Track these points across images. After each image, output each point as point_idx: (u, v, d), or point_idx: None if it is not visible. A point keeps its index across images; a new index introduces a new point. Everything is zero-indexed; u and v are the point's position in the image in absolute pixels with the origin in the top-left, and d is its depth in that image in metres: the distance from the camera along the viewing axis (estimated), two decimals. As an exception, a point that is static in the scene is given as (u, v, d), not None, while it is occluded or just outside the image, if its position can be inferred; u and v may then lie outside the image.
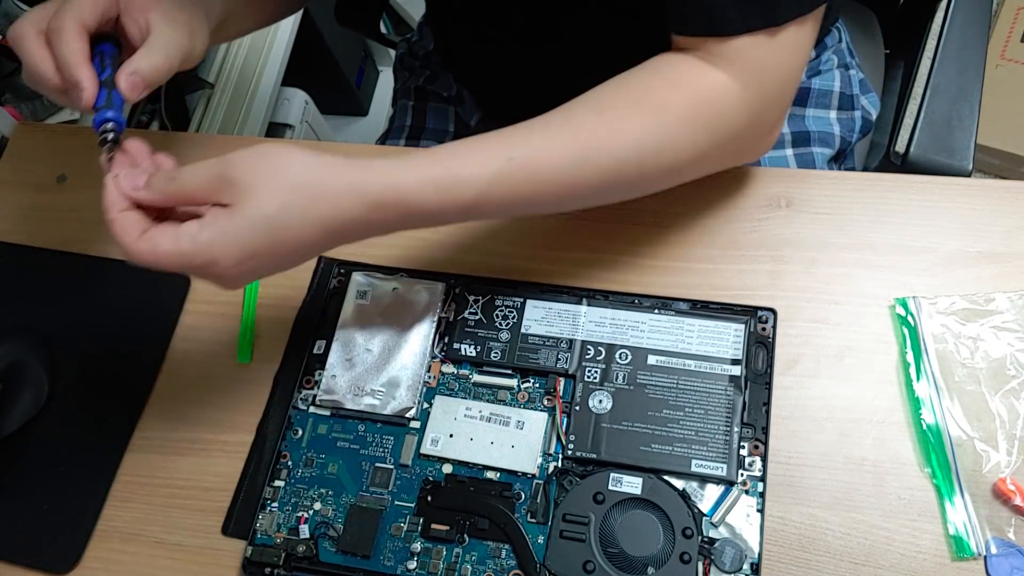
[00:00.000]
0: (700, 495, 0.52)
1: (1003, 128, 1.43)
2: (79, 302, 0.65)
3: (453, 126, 0.84)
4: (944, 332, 0.54)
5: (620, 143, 0.49)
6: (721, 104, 0.50)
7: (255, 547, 0.53)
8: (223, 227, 0.45)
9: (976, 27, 0.74)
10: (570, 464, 0.54)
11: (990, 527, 0.49)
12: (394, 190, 0.47)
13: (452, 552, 0.52)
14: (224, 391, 0.60)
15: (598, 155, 0.49)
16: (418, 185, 0.47)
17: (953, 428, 0.52)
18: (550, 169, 0.49)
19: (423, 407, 0.56)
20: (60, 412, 0.61)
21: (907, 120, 0.78)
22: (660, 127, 0.50)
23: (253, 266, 0.46)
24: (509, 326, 0.58)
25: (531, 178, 0.49)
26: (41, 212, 0.70)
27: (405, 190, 0.47)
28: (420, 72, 0.87)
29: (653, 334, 0.56)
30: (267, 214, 0.45)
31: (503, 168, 0.48)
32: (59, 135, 0.75)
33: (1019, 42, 1.48)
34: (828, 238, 0.59)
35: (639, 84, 0.51)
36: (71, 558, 0.55)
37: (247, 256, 0.45)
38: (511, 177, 0.48)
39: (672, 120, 0.50)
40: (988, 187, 0.60)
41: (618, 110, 0.50)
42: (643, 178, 0.52)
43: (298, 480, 0.55)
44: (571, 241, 0.61)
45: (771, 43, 0.49)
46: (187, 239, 0.45)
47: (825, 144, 0.74)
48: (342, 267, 0.62)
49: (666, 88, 0.50)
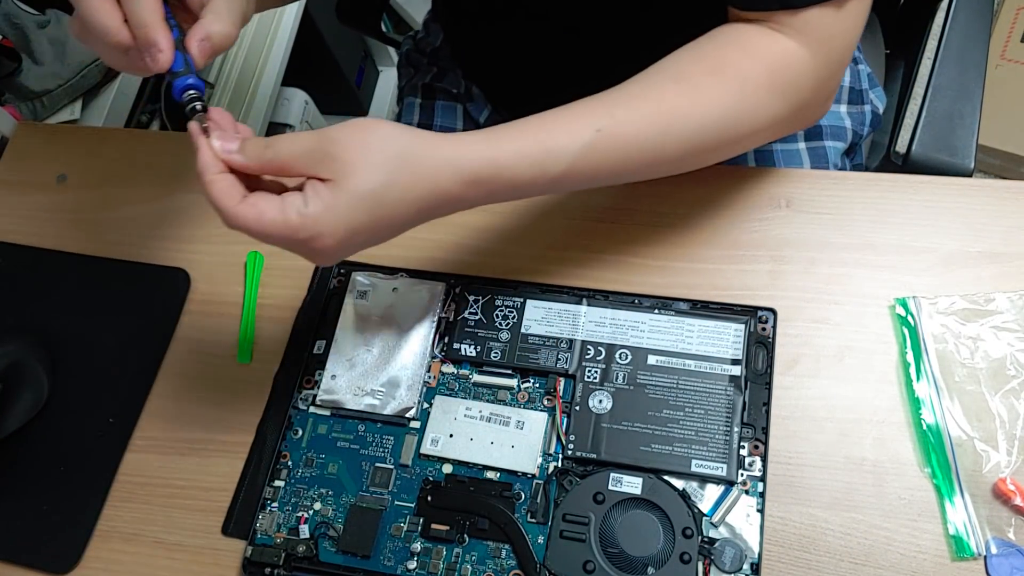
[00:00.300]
0: (700, 495, 0.52)
1: (1003, 128, 1.43)
2: (79, 302, 0.65)
3: (462, 123, 0.83)
4: (944, 332, 0.54)
5: (702, 112, 0.50)
6: (794, 72, 0.51)
7: (255, 547, 0.53)
8: (328, 202, 0.45)
9: (977, 26, 0.74)
10: (570, 464, 0.54)
11: (990, 527, 0.49)
12: (490, 165, 0.47)
13: (452, 552, 0.52)
14: (224, 391, 0.60)
15: (682, 125, 0.50)
16: (513, 160, 0.48)
17: (953, 428, 0.52)
18: (637, 140, 0.50)
19: (423, 407, 0.56)
20: (60, 412, 0.61)
21: (908, 120, 0.78)
22: (739, 96, 0.51)
23: (353, 242, 0.47)
24: (509, 326, 0.58)
25: (618, 150, 0.50)
26: (41, 212, 0.70)
27: (501, 165, 0.48)
28: (427, 69, 0.87)
29: (653, 334, 0.56)
30: (371, 190, 0.45)
31: (591, 140, 0.49)
32: (59, 135, 0.75)
33: (1019, 42, 1.48)
34: (828, 238, 0.59)
35: (716, 54, 0.52)
36: (71, 558, 0.55)
37: (351, 233, 0.45)
38: (599, 149, 0.49)
39: (751, 89, 0.51)
40: (988, 187, 0.60)
41: (697, 80, 0.51)
42: (723, 144, 0.53)
43: (298, 480, 0.55)
44: (571, 241, 0.61)
45: (838, 13, 0.51)
46: (294, 210, 0.44)
47: (837, 138, 0.74)
48: (342, 267, 0.62)
49: (743, 58, 0.51)
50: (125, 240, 0.67)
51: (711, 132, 0.51)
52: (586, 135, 0.49)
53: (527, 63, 0.74)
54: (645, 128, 0.50)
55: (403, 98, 0.89)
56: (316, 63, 1.45)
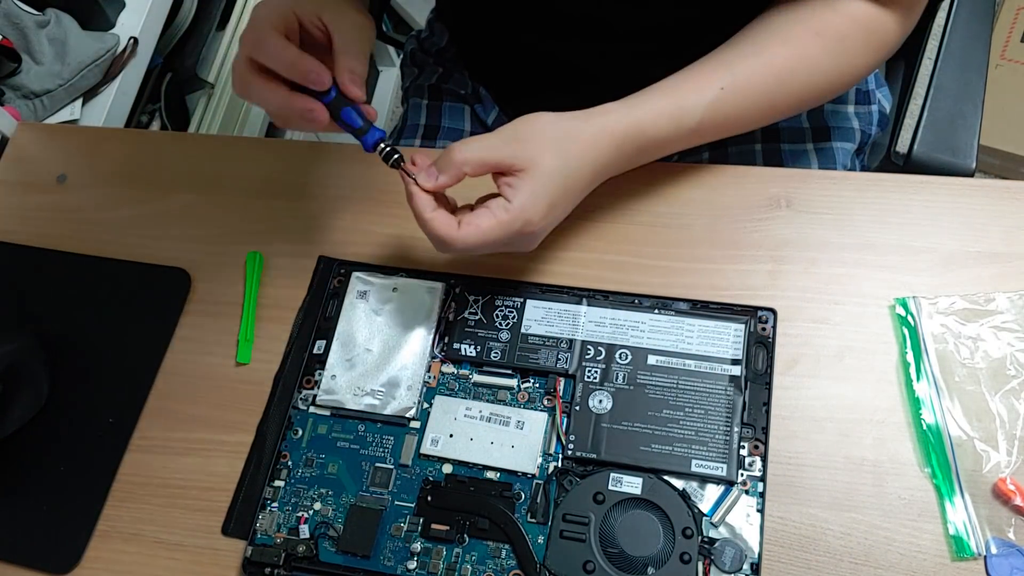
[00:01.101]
0: (700, 495, 0.52)
1: (1003, 128, 1.43)
2: (79, 302, 0.65)
3: (469, 124, 0.83)
4: (944, 332, 0.54)
5: (809, 69, 0.57)
6: (885, 31, 0.59)
7: (255, 547, 0.53)
8: (528, 189, 0.51)
9: (978, 26, 0.74)
10: (570, 464, 0.54)
11: (990, 527, 0.49)
12: (634, 125, 0.55)
13: (452, 552, 0.52)
14: (224, 391, 0.60)
15: (791, 81, 0.57)
16: (652, 118, 0.55)
17: (953, 428, 0.52)
18: (754, 96, 0.57)
19: (423, 407, 0.56)
20: (60, 412, 0.61)
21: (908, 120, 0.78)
22: (841, 54, 0.58)
23: (553, 216, 0.53)
24: (509, 326, 0.58)
25: (739, 104, 0.57)
26: (41, 212, 0.70)
27: (644, 123, 0.55)
28: (432, 69, 0.86)
29: (653, 334, 0.56)
30: (556, 167, 0.52)
31: (717, 96, 0.56)
32: (59, 135, 0.76)
33: (1019, 42, 1.48)
34: (828, 238, 0.59)
35: (818, 18, 0.57)
36: (71, 558, 0.55)
37: (549, 208, 0.52)
38: (724, 103, 0.56)
39: (850, 47, 0.58)
40: (988, 187, 0.60)
41: (804, 41, 0.57)
42: (826, 94, 0.60)
43: (298, 480, 0.55)
44: (571, 241, 0.61)
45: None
46: (502, 209, 0.51)
47: (845, 139, 0.74)
48: (342, 267, 0.62)
49: (842, 21, 0.57)
50: (125, 240, 0.67)
51: (817, 85, 0.59)
52: (712, 92, 0.56)
53: (534, 64, 0.74)
54: (760, 84, 0.57)
55: (408, 98, 0.89)
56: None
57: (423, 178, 0.52)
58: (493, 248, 0.52)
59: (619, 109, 0.55)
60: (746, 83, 0.56)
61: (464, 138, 0.79)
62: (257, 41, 0.52)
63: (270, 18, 0.52)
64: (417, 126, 0.83)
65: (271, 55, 0.52)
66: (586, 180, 0.55)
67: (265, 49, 0.52)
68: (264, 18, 0.52)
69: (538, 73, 0.75)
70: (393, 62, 1.78)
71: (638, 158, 0.57)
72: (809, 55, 0.57)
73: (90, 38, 1.01)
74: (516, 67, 0.77)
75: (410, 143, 0.82)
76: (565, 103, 0.54)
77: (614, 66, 0.69)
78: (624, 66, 0.68)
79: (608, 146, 0.54)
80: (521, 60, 0.75)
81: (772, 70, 0.57)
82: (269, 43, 0.52)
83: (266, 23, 0.52)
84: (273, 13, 0.53)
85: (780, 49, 0.57)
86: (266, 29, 0.52)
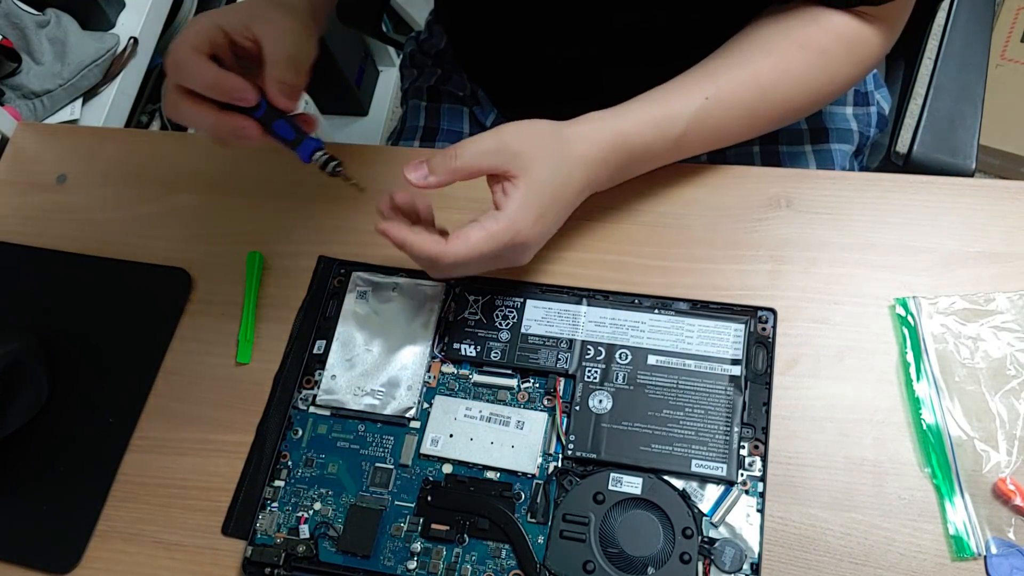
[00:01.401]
0: (700, 495, 0.52)
1: (1003, 128, 1.43)
2: (79, 302, 0.65)
3: (468, 126, 0.83)
4: (944, 332, 0.54)
5: (791, 81, 0.58)
6: (869, 47, 0.59)
7: (255, 547, 0.53)
8: (519, 197, 0.51)
9: (978, 26, 0.74)
10: (570, 464, 0.54)
11: (990, 527, 0.49)
12: (619, 134, 0.55)
13: (452, 552, 0.52)
14: (224, 391, 0.60)
15: (774, 93, 0.58)
16: (636, 127, 0.55)
17: (953, 428, 0.52)
18: (738, 107, 0.57)
19: (423, 407, 0.56)
20: (60, 412, 0.61)
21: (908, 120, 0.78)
22: (823, 67, 0.58)
23: (540, 228, 0.53)
24: (509, 326, 0.58)
25: (723, 115, 0.57)
26: (41, 212, 0.70)
27: (627, 133, 0.55)
28: (431, 71, 0.86)
29: (653, 334, 0.56)
30: (547, 177, 0.52)
31: (702, 106, 0.56)
32: (59, 135, 0.75)
33: (1019, 42, 1.48)
34: (828, 238, 0.59)
35: (802, 31, 0.58)
36: (71, 558, 0.55)
37: (539, 216, 0.52)
38: (709, 114, 0.56)
39: (832, 60, 0.58)
40: (988, 187, 0.60)
41: (787, 53, 0.58)
42: (810, 106, 0.60)
43: (298, 480, 0.55)
44: (571, 241, 0.61)
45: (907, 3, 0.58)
46: (491, 221, 0.50)
47: (843, 140, 0.74)
48: (342, 267, 0.62)
49: (824, 34, 0.58)
50: (125, 240, 0.67)
51: (799, 98, 0.59)
52: (696, 101, 0.56)
53: (530, 67, 0.74)
54: (745, 95, 0.57)
55: (407, 100, 0.89)
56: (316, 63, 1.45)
57: (413, 175, 0.51)
58: (483, 262, 0.51)
59: (604, 118, 0.55)
60: (730, 94, 0.57)
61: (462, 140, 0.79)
62: (177, 64, 0.52)
63: (191, 40, 0.52)
64: (416, 128, 0.83)
65: (192, 77, 0.52)
66: (575, 191, 0.54)
67: (186, 72, 0.52)
68: (184, 40, 0.52)
69: (534, 76, 0.75)
70: (393, 62, 1.78)
71: (625, 170, 0.58)
72: (792, 67, 0.58)
73: (90, 38, 1.01)
74: (512, 70, 0.77)
75: (409, 144, 0.82)
76: (562, 105, 0.54)
77: (611, 70, 0.69)
78: (621, 70, 0.67)
79: (595, 157, 0.54)
80: (517, 63, 0.75)
81: (756, 81, 0.57)
82: (189, 66, 0.52)
83: (185, 45, 0.52)
84: (195, 34, 0.53)
85: (764, 61, 0.57)
86: (186, 51, 0.52)
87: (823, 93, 0.60)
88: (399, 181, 0.52)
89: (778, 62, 0.57)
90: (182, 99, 0.53)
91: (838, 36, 0.58)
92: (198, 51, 0.52)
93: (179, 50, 0.52)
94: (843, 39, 0.58)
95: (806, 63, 0.58)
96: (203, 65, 0.52)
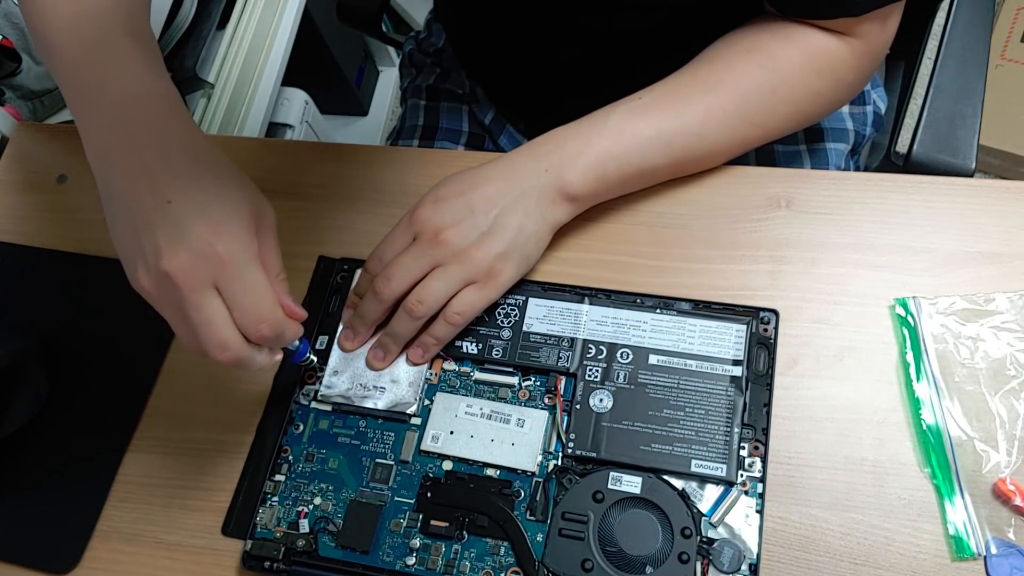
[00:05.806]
0: (699, 495, 0.52)
1: (1003, 128, 1.43)
2: (79, 302, 0.65)
3: (467, 125, 0.83)
4: (944, 332, 0.54)
5: (737, 83, 0.56)
6: (831, 56, 0.56)
7: (255, 541, 0.53)
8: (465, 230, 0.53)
9: (978, 26, 0.74)
10: (570, 462, 0.54)
11: (990, 527, 0.49)
12: (564, 190, 0.56)
13: (451, 548, 0.52)
14: (224, 391, 0.60)
15: (723, 99, 0.56)
16: (583, 181, 0.56)
17: (953, 428, 0.52)
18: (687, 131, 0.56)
19: (424, 404, 0.56)
20: (60, 412, 0.61)
21: (908, 120, 0.78)
22: (771, 70, 0.56)
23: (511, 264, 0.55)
24: (511, 324, 0.58)
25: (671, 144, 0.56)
26: (41, 212, 0.70)
27: (574, 189, 0.56)
28: (430, 70, 0.86)
29: (654, 334, 0.56)
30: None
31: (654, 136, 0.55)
32: (59, 135, 0.75)
33: (1019, 42, 1.48)
34: (828, 238, 0.59)
35: (753, 37, 0.57)
36: (71, 558, 0.55)
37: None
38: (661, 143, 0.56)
39: (783, 65, 0.56)
40: (988, 187, 0.60)
41: (732, 59, 0.57)
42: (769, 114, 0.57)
43: (299, 475, 0.55)
44: (572, 241, 0.61)
45: (885, 17, 0.56)
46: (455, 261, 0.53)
47: (839, 140, 0.74)
48: (345, 263, 0.62)
49: (776, 40, 0.56)
50: (125, 239, 0.67)
51: (752, 102, 0.56)
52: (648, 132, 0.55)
53: (530, 65, 0.74)
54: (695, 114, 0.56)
55: (406, 99, 0.89)
56: (316, 63, 1.45)
57: (371, 354, 0.57)
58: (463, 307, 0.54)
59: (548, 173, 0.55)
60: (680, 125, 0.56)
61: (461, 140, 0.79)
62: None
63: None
64: (415, 127, 0.84)
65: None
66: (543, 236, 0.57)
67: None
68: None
69: (533, 74, 0.75)
70: (393, 62, 1.78)
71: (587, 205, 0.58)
72: (737, 71, 0.56)
73: (90, 38, 1.00)
74: (511, 68, 0.77)
75: (408, 144, 0.82)
76: (560, 103, 0.53)
77: (610, 69, 0.69)
78: (617, 67, 0.68)
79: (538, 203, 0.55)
80: (515, 61, 0.75)
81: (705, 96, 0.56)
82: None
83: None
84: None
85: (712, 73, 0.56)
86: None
87: (779, 100, 0.57)
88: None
89: (718, 69, 0.57)
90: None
91: (794, 44, 0.56)
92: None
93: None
94: (799, 46, 0.56)
95: (751, 66, 0.56)
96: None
